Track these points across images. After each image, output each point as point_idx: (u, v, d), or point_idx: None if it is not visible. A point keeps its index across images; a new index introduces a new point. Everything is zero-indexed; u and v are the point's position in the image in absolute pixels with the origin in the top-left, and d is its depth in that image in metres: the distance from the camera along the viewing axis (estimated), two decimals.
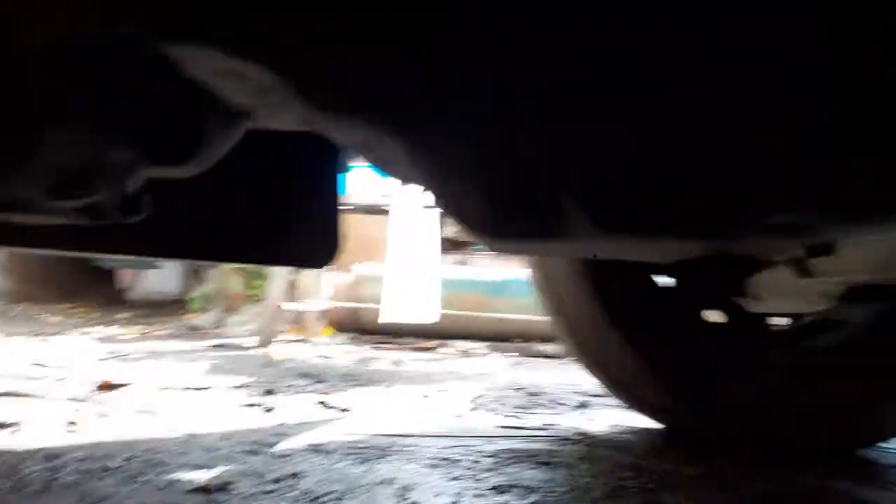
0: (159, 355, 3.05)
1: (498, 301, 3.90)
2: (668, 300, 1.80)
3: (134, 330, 4.30)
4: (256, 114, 0.70)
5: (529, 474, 1.34)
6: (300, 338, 3.81)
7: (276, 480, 1.22)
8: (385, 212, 3.76)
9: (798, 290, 1.45)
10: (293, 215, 1.22)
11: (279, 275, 3.38)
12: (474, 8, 0.54)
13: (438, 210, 2.06)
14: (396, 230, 2.23)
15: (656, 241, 0.60)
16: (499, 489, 1.23)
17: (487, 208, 0.57)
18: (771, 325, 1.96)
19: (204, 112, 0.70)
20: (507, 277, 3.93)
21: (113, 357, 2.89)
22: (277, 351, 3.26)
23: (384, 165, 0.70)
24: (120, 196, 0.70)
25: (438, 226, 3.26)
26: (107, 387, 2.12)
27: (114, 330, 4.20)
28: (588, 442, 1.69)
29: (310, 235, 1.19)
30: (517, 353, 3.62)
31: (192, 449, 1.43)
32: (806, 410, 1.65)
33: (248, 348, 3.36)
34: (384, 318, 1.63)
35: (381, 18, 0.54)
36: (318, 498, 1.12)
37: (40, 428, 1.58)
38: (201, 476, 1.23)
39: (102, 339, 3.75)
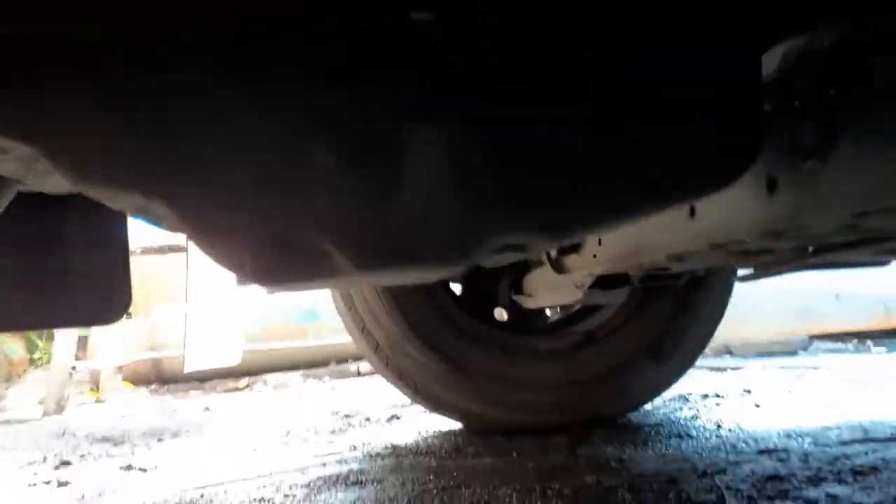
0: None
1: (309, 326, 3.91)
2: (460, 306, 1.96)
3: None
4: (25, 180, 0.71)
5: (340, 497, 1.40)
6: (96, 399, 3.54)
7: None
8: (178, 249, 3.61)
9: (558, 284, 1.66)
10: (73, 272, 1.18)
11: (66, 332, 3.12)
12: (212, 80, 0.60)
13: None
14: (195, 271, 2.18)
15: (409, 272, 0.70)
16: None
17: (257, 262, 0.63)
18: (547, 317, 2.22)
19: None
20: (315, 300, 3.95)
21: None
22: (71, 418, 3.00)
23: (161, 225, 0.74)
24: None
25: None
26: None
27: None
28: (398, 453, 1.79)
29: (95, 291, 1.16)
30: (332, 377, 3.66)
31: None
32: (581, 388, 1.88)
33: (35, 419, 3.05)
34: (189, 368, 1.59)
35: (115, 93, 0.58)
36: None
37: None
38: None
39: None
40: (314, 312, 3.94)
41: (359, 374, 3.72)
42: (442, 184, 0.61)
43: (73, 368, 3.10)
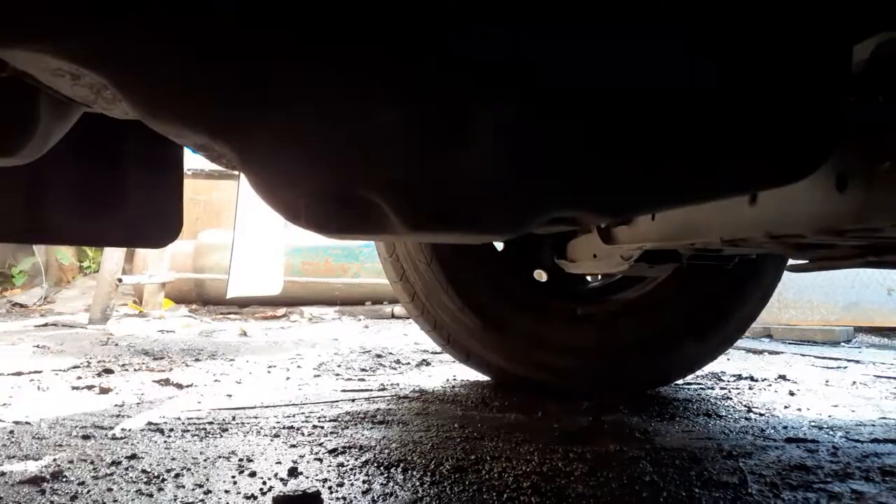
0: None
1: (349, 266, 3.96)
2: (501, 265, 1.96)
3: None
4: (93, 105, 0.72)
5: (367, 434, 1.44)
6: (139, 312, 3.67)
7: (113, 464, 1.23)
8: (228, 176, 3.67)
9: (604, 254, 1.64)
10: (129, 194, 1.21)
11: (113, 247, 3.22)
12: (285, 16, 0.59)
13: None
14: (246, 199, 2.21)
15: (461, 237, 0.69)
16: (335, 452, 1.31)
17: (311, 213, 0.64)
18: (587, 283, 2.20)
19: (36, 103, 0.71)
20: (358, 243, 3.99)
21: None
22: (114, 327, 3.13)
23: (217, 160, 0.74)
24: None
25: None
26: None
27: None
28: (425, 398, 1.82)
29: (149, 214, 1.19)
30: (367, 316, 3.72)
31: (19, 439, 1.39)
32: (614, 357, 1.88)
33: (81, 326, 3.19)
34: (232, 293, 1.63)
35: (194, 32, 0.58)
36: (156, 478, 1.15)
37: None
38: (31, 466, 1.21)
39: None
40: (354, 253, 3.99)
41: (392, 316, 3.77)
42: (502, 152, 0.60)
43: (119, 280, 3.21)
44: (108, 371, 2.13)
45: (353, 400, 1.79)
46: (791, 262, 1.28)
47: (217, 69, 0.54)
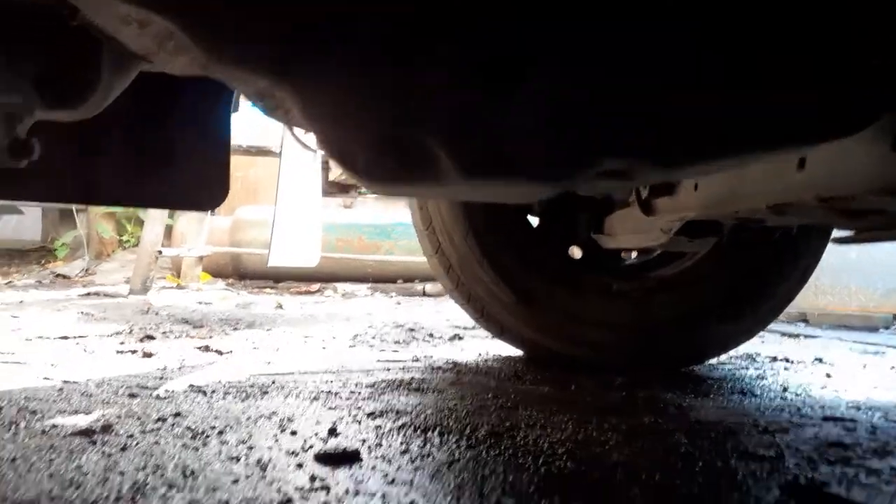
0: (24, 305, 2.92)
1: (382, 244, 4.00)
2: (537, 238, 1.97)
3: None
4: (154, 58, 0.74)
5: (403, 400, 1.47)
6: (177, 284, 3.75)
7: (159, 420, 1.27)
8: (266, 153, 3.71)
9: (643, 227, 1.64)
10: (180, 156, 1.24)
11: (156, 219, 3.29)
12: None
13: (321, 154, 2.09)
14: (287, 174, 2.25)
15: (511, 185, 0.70)
16: (373, 415, 1.34)
17: (369, 160, 0.65)
18: (623, 260, 2.19)
19: (99, 56, 0.74)
20: (391, 221, 4.02)
21: None
22: (154, 298, 3.20)
23: (275, 111, 0.76)
24: (10, 139, 0.72)
25: (321, 170, 3.28)
26: None
27: None
28: (458, 370, 1.84)
29: (197, 176, 1.22)
30: (399, 294, 3.75)
31: (69, 395, 1.44)
32: (649, 334, 1.88)
33: (122, 296, 3.27)
34: (273, 263, 1.67)
35: None
36: (201, 433, 1.19)
37: None
38: (81, 420, 1.25)
39: None
40: (387, 231, 4.02)
41: (424, 294, 3.80)
42: (557, 99, 0.60)
43: (159, 252, 3.29)
44: (150, 337, 2.19)
45: (388, 369, 1.82)
46: (836, 235, 1.27)
47: (280, 12, 0.56)
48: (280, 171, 1.68)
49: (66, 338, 2.18)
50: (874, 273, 3.41)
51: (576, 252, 2.11)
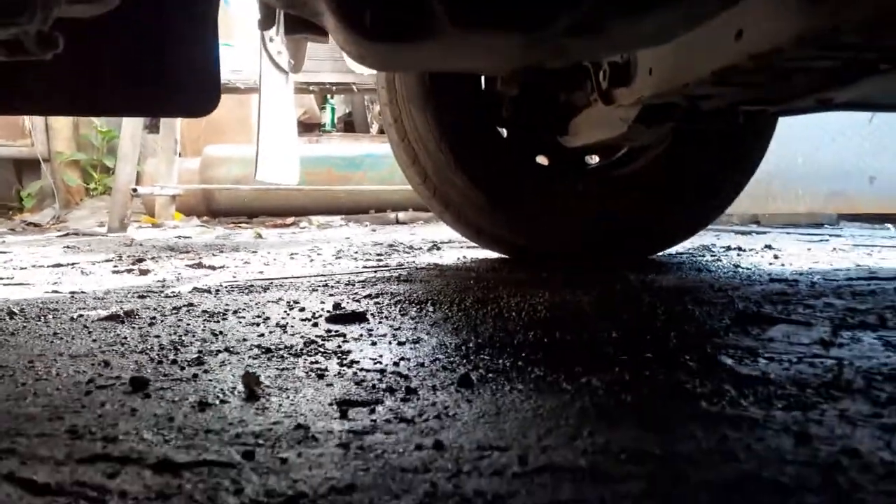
0: (8, 245, 2.97)
1: (352, 175, 4.08)
2: (507, 147, 2.09)
3: None
4: None
5: (394, 288, 1.61)
6: (152, 224, 3.80)
7: (175, 308, 1.39)
8: (231, 90, 3.74)
9: (604, 120, 1.77)
10: (174, 63, 1.31)
11: (128, 159, 3.32)
12: None
13: (293, 79, 2.16)
14: (266, 97, 2.31)
15: (492, 36, 0.81)
16: (370, 296, 1.48)
17: (375, 16, 0.76)
18: (587, 165, 2.34)
19: None
20: (360, 152, 4.10)
21: None
22: (134, 234, 3.27)
23: None
24: (38, 31, 0.81)
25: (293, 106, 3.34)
26: None
27: None
28: (440, 269, 1.98)
29: (191, 83, 1.30)
30: (372, 223, 3.87)
31: (82, 299, 1.54)
32: (614, 227, 2.04)
33: (101, 234, 3.32)
34: (260, 177, 1.76)
35: None
36: (217, 314, 1.31)
37: None
38: (102, 312, 1.36)
39: None
40: (356, 162, 4.10)
41: (397, 221, 3.92)
42: None
43: (134, 191, 3.33)
44: (142, 260, 2.28)
45: (375, 271, 1.95)
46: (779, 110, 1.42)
47: None
48: (260, 94, 1.76)
49: (59, 265, 2.25)
50: (819, 177, 3.63)
51: (542, 160, 2.25)
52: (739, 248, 2.39)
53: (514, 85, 2.03)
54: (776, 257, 2.16)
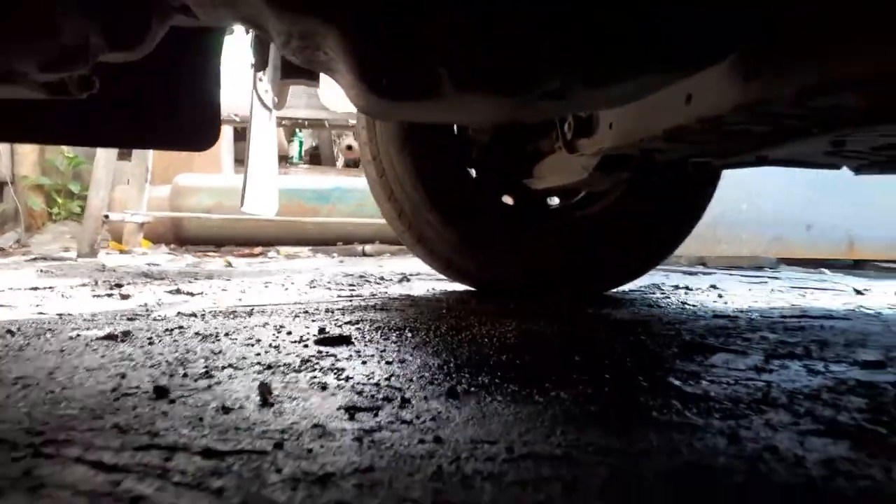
0: None
1: (321, 207, 4.18)
2: (476, 187, 2.24)
3: None
4: (199, 11, 0.95)
5: (372, 316, 1.72)
6: (120, 250, 3.82)
7: (167, 331, 1.47)
8: (228, 121, 3.82)
9: (567, 166, 1.94)
10: (185, 99, 1.42)
11: (101, 184, 3.37)
12: None
13: (275, 116, 2.28)
14: (255, 132, 2.41)
15: (485, 98, 0.95)
16: (351, 322, 1.59)
17: (391, 79, 0.89)
18: (549, 204, 2.50)
19: (151, 8, 0.95)
20: (329, 185, 4.21)
21: None
22: (104, 260, 3.30)
23: (304, 55, 0.98)
24: (80, 74, 0.92)
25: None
26: None
27: None
28: (412, 299, 2.10)
29: (196, 120, 1.41)
30: (340, 254, 3.97)
31: (72, 321, 1.61)
32: (574, 264, 2.20)
33: (71, 259, 3.34)
34: (247, 207, 1.85)
35: None
36: (210, 336, 1.40)
37: None
38: (97, 332, 1.44)
39: None
40: (325, 195, 4.21)
41: (364, 254, 4.03)
42: (525, 30, 0.87)
43: (106, 216, 3.37)
44: (119, 285, 2.34)
45: (350, 300, 2.06)
46: (724, 163, 1.60)
47: None
48: (251, 130, 1.86)
49: (36, 288, 2.29)
50: (762, 224, 3.88)
51: (507, 199, 2.41)
52: (687, 287, 2.57)
53: (486, 132, 2.20)
54: (720, 296, 2.34)
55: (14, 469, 0.62)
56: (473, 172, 2.36)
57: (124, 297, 2.09)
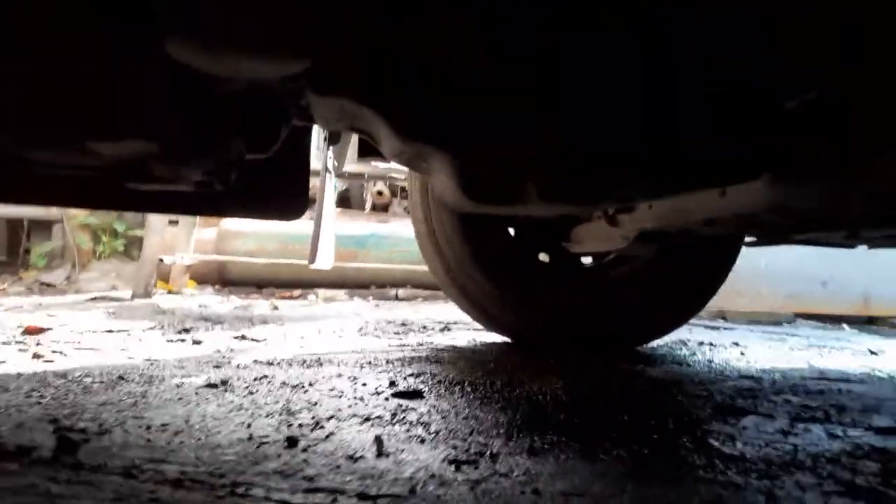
0: (46, 307, 3.19)
1: (358, 252, 4.40)
2: (516, 246, 2.44)
3: None
4: (322, 122, 1.17)
5: (429, 368, 1.90)
6: (168, 290, 4.04)
7: (256, 380, 1.66)
8: None
9: (607, 235, 2.14)
10: (285, 179, 1.64)
11: (157, 230, 3.60)
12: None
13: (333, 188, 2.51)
14: (324, 200, 2.64)
15: (564, 207, 1.15)
16: (413, 375, 1.78)
17: (485, 186, 1.10)
18: (583, 263, 2.70)
19: (283, 118, 1.17)
20: (366, 232, 4.43)
21: (2, 309, 3.00)
22: (159, 301, 3.51)
23: (415, 161, 1.19)
24: (225, 172, 1.14)
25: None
26: (34, 331, 2.35)
27: None
28: (458, 351, 2.29)
29: (291, 194, 1.63)
30: (374, 298, 4.17)
31: (163, 367, 1.81)
32: (606, 320, 2.38)
33: (126, 300, 3.56)
34: (317, 265, 2.06)
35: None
36: (296, 386, 1.59)
37: (12, 362, 1.85)
38: (196, 381, 1.64)
39: None
40: (362, 241, 4.43)
41: (397, 298, 4.23)
42: (601, 157, 1.08)
43: (160, 260, 3.59)
44: (186, 330, 2.55)
45: (401, 350, 2.25)
46: (748, 239, 1.79)
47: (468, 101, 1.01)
48: (324, 193, 2.08)
49: (111, 331, 2.50)
50: (779, 279, 4.05)
51: (543, 257, 2.60)
52: (711, 344, 2.74)
53: None
54: (742, 353, 2.51)
55: None
56: (512, 231, 2.57)
57: (196, 342, 2.29)
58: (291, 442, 1.09)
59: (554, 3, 0.98)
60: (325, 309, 3.56)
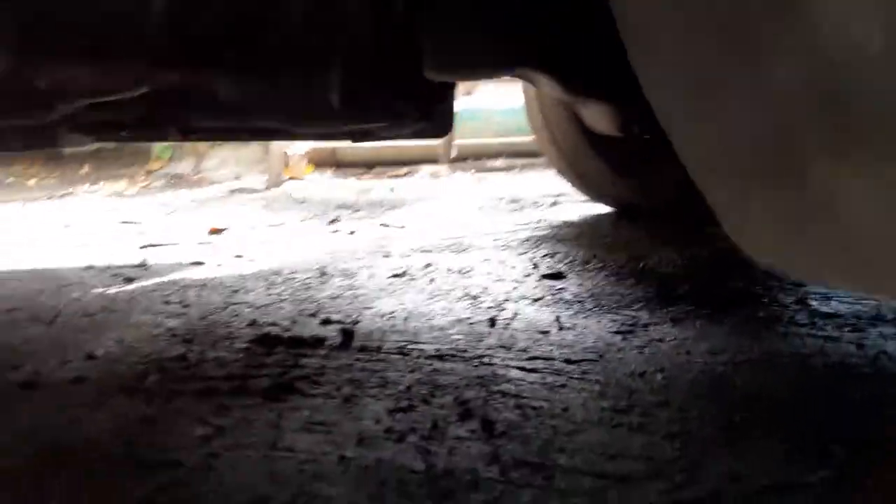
0: (202, 202, 3.70)
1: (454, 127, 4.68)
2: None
3: (124, 185, 4.77)
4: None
5: (556, 247, 2.27)
6: (290, 177, 4.49)
7: (426, 266, 2.07)
8: None
9: None
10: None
11: None
12: None
13: None
14: None
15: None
16: (550, 255, 2.15)
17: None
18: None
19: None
20: (459, 107, 4.67)
21: (171, 212, 3.51)
22: (290, 189, 3.97)
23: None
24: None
25: None
26: (216, 231, 2.82)
27: (116, 186, 4.64)
28: (575, 227, 2.64)
29: (436, 114, 1.93)
30: (474, 171, 4.50)
31: (347, 259, 2.23)
32: (690, 195, 2.65)
33: (262, 190, 4.03)
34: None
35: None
36: (462, 271, 1.99)
37: (218, 262, 2.30)
38: (380, 271, 2.05)
39: (111, 196, 4.26)
40: (459, 114, 4.68)
41: (496, 169, 4.55)
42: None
43: (286, 152, 4.00)
44: (335, 220, 2.98)
45: (525, 228, 2.61)
46: None
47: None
48: None
49: (273, 225, 2.96)
50: None
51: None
52: None
53: None
54: None
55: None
56: None
57: (351, 232, 2.72)
58: (492, 322, 1.50)
59: None
60: (435, 186, 3.93)
